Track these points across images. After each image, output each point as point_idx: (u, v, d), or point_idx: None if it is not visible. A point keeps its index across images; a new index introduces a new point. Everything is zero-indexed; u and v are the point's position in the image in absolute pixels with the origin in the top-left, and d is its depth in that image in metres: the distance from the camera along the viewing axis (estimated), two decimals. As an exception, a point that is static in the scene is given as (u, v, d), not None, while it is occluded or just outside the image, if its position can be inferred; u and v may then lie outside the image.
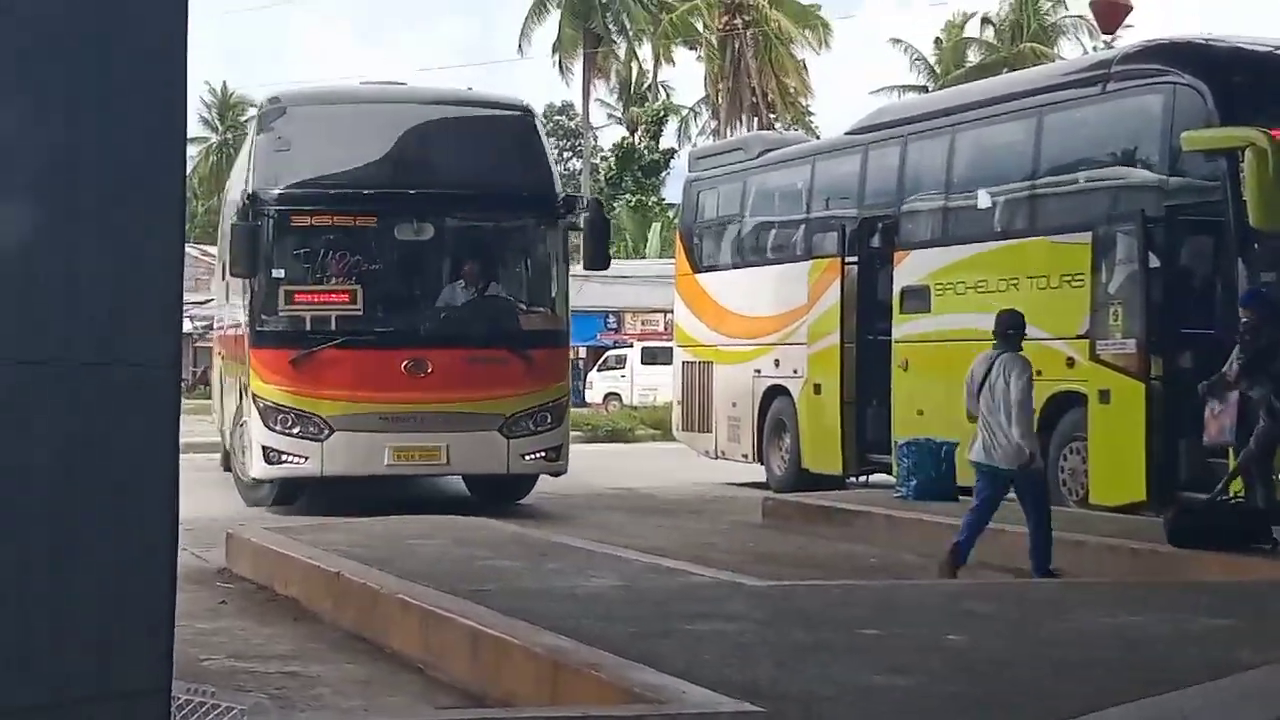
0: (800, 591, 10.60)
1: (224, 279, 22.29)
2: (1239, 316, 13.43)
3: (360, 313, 17.27)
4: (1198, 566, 12.21)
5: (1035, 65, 45.93)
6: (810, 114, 62.08)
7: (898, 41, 60.63)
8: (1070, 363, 16.11)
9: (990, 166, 18.32)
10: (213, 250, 29.27)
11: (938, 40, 60.65)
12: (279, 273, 17.30)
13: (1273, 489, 12.86)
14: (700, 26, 61.61)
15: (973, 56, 58.80)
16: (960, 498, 16.68)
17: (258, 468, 17.32)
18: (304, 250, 17.50)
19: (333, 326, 17.28)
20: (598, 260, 18.44)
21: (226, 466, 23.64)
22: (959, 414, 17.64)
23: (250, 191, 17.34)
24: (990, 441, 12.46)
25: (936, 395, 18.10)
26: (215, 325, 25.76)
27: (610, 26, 62.44)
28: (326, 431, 17.02)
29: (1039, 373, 16.49)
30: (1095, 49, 48.66)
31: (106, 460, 3.96)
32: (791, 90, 60.99)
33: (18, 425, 3.79)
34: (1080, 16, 54.52)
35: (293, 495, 17.82)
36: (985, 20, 59.53)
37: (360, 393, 17.05)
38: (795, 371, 20.85)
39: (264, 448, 17.17)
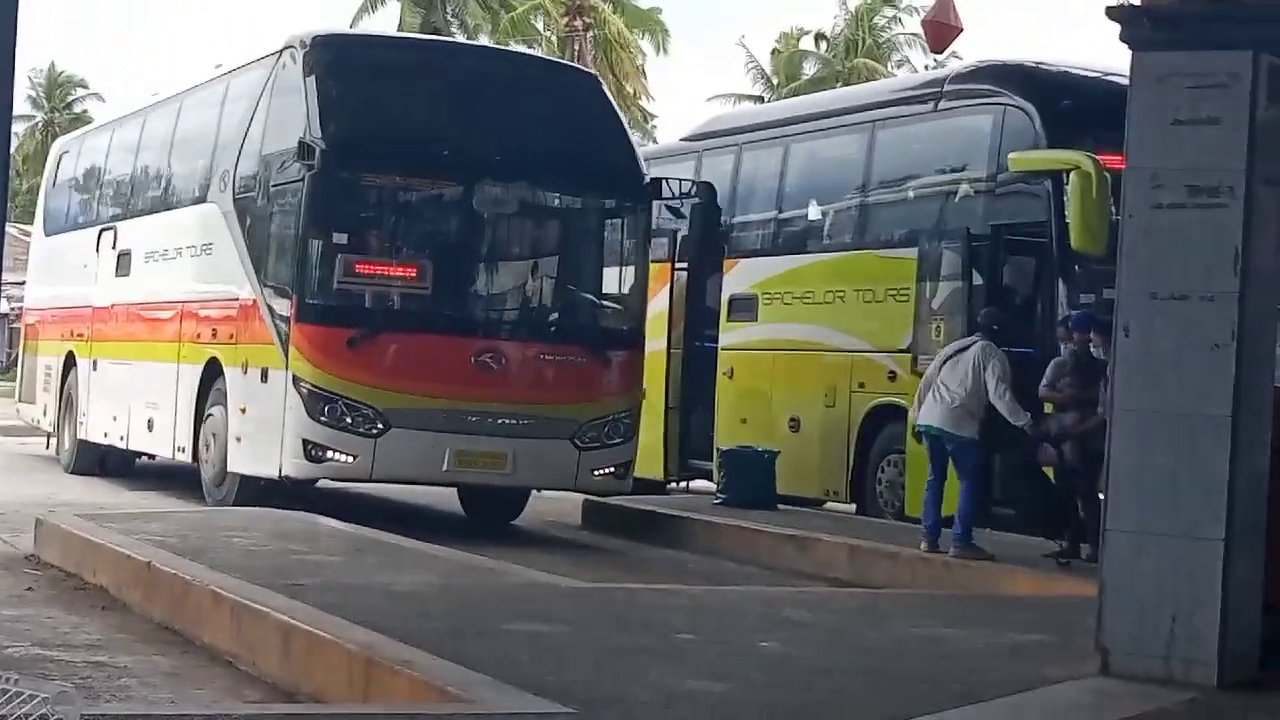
0: (617, 594, 10.59)
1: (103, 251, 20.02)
2: (1059, 337, 13.61)
3: (428, 292, 15.15)
4: (1008, 581, 12.40)
5: (868, 81, 46.47)
6: (653, 117, 62.21)
7: (741, 47, 60.96)
8: (892, 376, 16.28)
9: (821, 179, 18.48)
10: (31, 229, 27.27)
11: (775, 51, 61.10)
12: (340, 238, 14.94)
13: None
14: (540, 26, 61.51)
15: (808, 69, 59.29)
16: (780, 506, 16.84)
17: (292, 464, 14.79)
18: (369, 215, 15.41)
19: (396, 305, 15.21)
20: (706, 253, 16.66)
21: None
22: (781, 423, 17.89)
23: (310, 142, 14.68)
24: (932, 402, 13.20)
25: (760, 404, 18.24)
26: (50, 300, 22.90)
27: (450, 19, 62.16)
28: (381, 426, 14.72)
29: (861, 385, 16.75)
30: (927, 68, 49.36)
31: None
32: (630, 93, 61.11)
33: None
34: (914, 34, 55.18)
35: (258, 498, 15.17)
36: (819, 36, 60.04)
37: (423, 385, 14.79)
38: (621, 375, 20.82)
39: (305, 441, 14.69)
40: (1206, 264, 7.50)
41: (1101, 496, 12.32)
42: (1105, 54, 16.66)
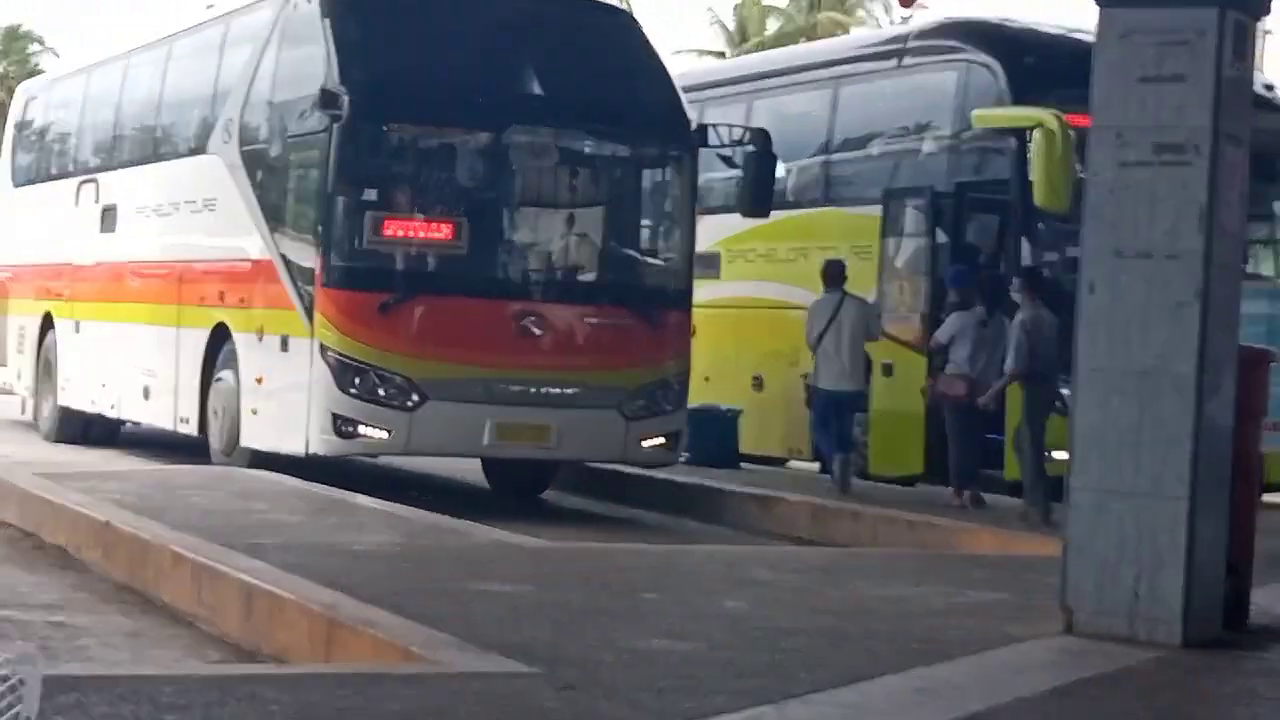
0: (580, 554, 10.58)
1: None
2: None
3: (464, 252, 14.05)
4: (970, 540, 12.42)
5: (833, 36, 46.35)
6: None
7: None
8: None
9: (785, 135, 18.36)
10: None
11: (737, 6, 60.88)
12: (369, 194, 13.97)
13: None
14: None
15: (772, 25, 59.09)
16: (743, 465, 16.84)
17: (321, 440, 13.80)
18: (399, 169, 14.29)
19: (430, 267, 14.18)
20: (760, 204, 15.29)
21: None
22: (744, 381, 17.86)
23: (334, 89, 13.61)
24: (838, 370, 14.75)
25: (723, 362, 18.20)
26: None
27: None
28: (417, 399, 13.79)
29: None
30: (892, 22, 49.26)
31: None
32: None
33: None
34: (878, -9, 55.02)
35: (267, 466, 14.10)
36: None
37: (461, 353, 13.84)
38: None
39: (335, 416, 13.72)
40: (1171, 222, 7.48)
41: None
42: (1058, 14, 16.75)
